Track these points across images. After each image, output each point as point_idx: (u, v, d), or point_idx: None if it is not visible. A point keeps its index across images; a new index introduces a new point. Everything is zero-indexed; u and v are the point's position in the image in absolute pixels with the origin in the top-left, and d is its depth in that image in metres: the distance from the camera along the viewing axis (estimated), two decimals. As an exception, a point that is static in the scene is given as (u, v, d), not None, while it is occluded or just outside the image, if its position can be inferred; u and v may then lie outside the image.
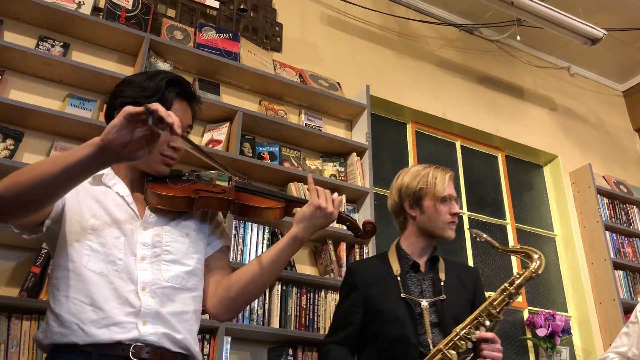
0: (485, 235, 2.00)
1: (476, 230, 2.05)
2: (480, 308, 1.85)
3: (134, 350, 1.27)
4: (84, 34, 2.93)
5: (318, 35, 3.87)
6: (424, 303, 1.94)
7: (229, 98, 3.27)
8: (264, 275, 1.48)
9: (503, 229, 4.24)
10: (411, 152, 4.06)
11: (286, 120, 3.27)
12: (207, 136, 3.08)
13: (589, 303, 4.06)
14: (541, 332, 3.65)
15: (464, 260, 3.86)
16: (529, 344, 3.84)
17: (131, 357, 1.26)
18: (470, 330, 1.80)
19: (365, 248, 3.12)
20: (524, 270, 1.92)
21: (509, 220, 4.28)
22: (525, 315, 3.91)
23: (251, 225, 2.89)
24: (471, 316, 1.83)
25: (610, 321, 3.90)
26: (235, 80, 3.31)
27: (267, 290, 2.77)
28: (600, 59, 5.02)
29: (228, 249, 1.62)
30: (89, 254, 1.31)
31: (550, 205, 4.56)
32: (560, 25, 4.02)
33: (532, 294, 4.03)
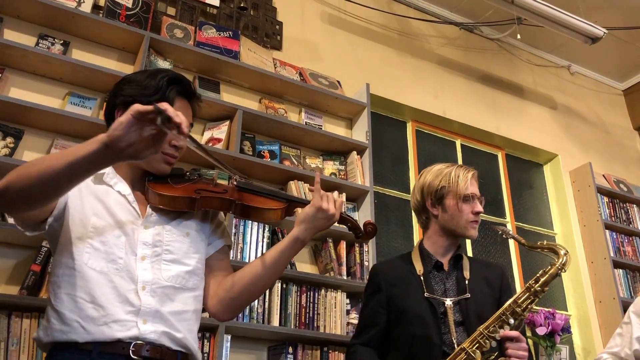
0: (512, 233, 2.00)
1: (502, 227, 2.05)
2: (504, 306, 1.82)
3: (134, 348, 1.27)
4: (84, 32, 2.93)
5: (318, 33, 3.87)
6: (448, 302, 1.91)
7: (229, 96, 3.27)
8: (265, 276, 1.48)
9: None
10: (411, 151, 4.06)
11: (286, 119, 3.27)
12: (207, 134, 3.08)
13: (588, 302, 4.06)
14: (541, 331, 3.65)
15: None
16: (529, 342, 3.83)
17: (131, 355, 1.26)
18: (494, 329, 1.77)
19: (365, 247, 3.12)
20: (549, 267, 1.88)
21: (509, 219, 4.28)
22: (527, 315, 3.91)
23: (251, 223, 2.89)
24: (495, 314, 1.81)
25: (610, 320, 3.90)
26: (236, 79, 3.31)
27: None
28: (601, 58, 5.02)
29: (229, 249, 1.62)
30: (89, 252, 1.32)
31: (550, 204, 4.56)
32: (560, 24, 4.02)
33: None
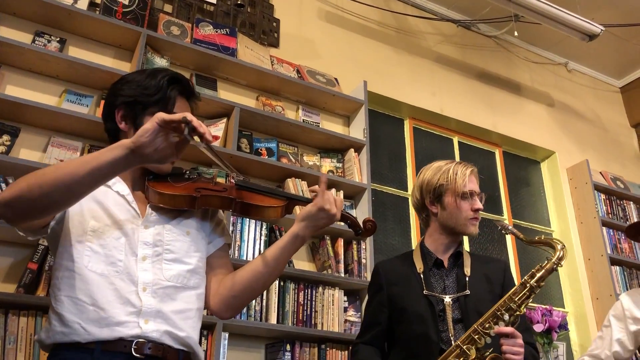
0: (511, 228, 1.99)
1: (502, 222, 2.04)
2: (499, 302, 1.81)
3: (136, 346, 1.27)
4: (80, 30, 2.92)
5: (315, 31, 3.86)
6: (447, 299, 1.91)
7: (226, 94, 3.26)
8: (266, 273, 1.49)
9: (500, 224, 4.24)
10: (409, 148, 4.06)
11: (284, 116, 3.27)
12: (205, 132, 3.07)
13: (585, 299, 4.07)
14: (538, 328, 3.66)
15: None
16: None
17: (133, 353, 1.27)
18: (489, 325, 1.76)
19: (363, 244, 3.12)
20: (546, 261, 1.87)
21: (506, 216, 4.29)
22: (522, 310, 3.91)
23: (248, 221, 2.89)
24: (489, 311, 1.79)
25: (607, 317, 3.91)
26: (233, 76, 3.30)
27: (265, 286, 2.78)
28: (598, 55, 5.03)
29: (229, 247, 1.62)
30: (89, 255, 1.32)
31: (548, 201, 4.57)
32: (557, 21, 4.02)
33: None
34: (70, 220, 1.36)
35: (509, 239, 4.17)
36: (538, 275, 1.86)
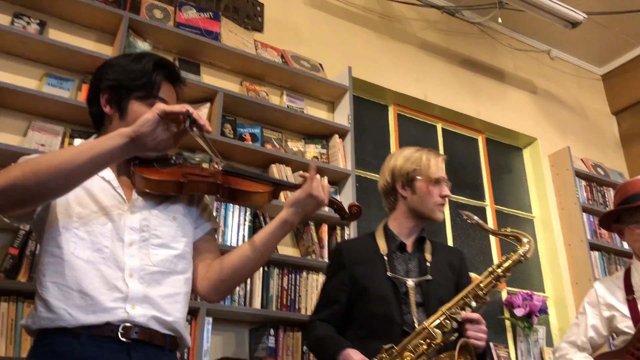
0: (476, 218, 2.03)
1: (467, 212, 2.07)
2: (467, 289, 1.86)
3: (122, 331, 1.28)
4: (61, 12, 2.86)
5: (300, 15, 3.84)
6: (410, 282, 1.96)
7: (209, 78, 3.23)
8: (254, 258, 1.51)
9: (482, 210, 4.29)
10: (393, 135, 4.07)
11: (268, 102, 3.25)
12: (188, 117, 3.05)
13: (565, 283, 4.14)
14: (519, 312, 3.72)
15: (444, 241, 3.90)
16: (507, 323, 3.91)
17: (120, 338, 1.27)
18: (456, 310, 1.81)
19: (347, 229, 3.14)
20: (512, 253, 1.93)
21: (488, 202, 4.33)
22: (504, 295, 3.98)
23: (232, 207, 2.89)
24: (457, 296, 1.84)
25: (586, 301, 3.98)
26: (216, 61, 3.27)
27: (249, 271, 2.78)
28: (581, 43, 5.06)
29: (216, 232, 1.63)
30: (75, 241, 1.32)
31: (529, 188, 4.62)
32: (541, 8, 4.04)
33: (511, 275, 4.07)
34: (57, 206, 1.35)
35: (490, 224, 4.21)
36: (505, 265, 1.92)
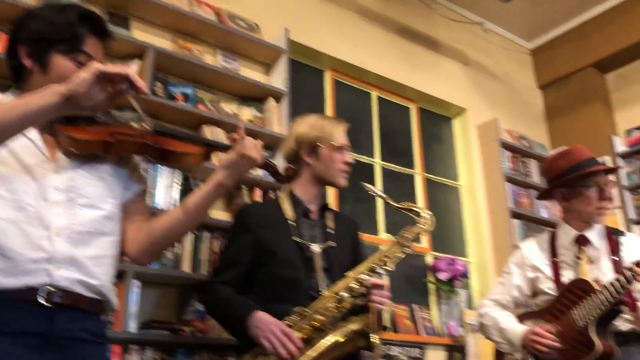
0: (378, 191, 2.09)
1: (369, 186, 2.12)
2: (375, 256, 1.94)
3: (45, 295, 1.24)
4: (-26, -48, 2.64)
5: (237, -28, 3.71)
6: (316, 248, 2.02)
7: (140, 34, 3.09)
8: (186, 221, 1.51)
9: (412, 178, 4.39)
10: (329, 101, 4.06)
11: (201, 60, 3.16)
12: (116, 73, 2.92)
13: (487, 249, 4.34)
14: (442, 276, 3.89)
15: (375, 208, 3.98)
16: (431, 286, 4.07)
17: (42, 302, 1.23)
18: (364, 276, 1.89)
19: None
20: (412, 226, 2.02)
21: (418, 171, 4.44)
22: (429, 259, 4.13)
23: (162, 168, 2.81)
24: (366, 263, 1.93)
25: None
26: (148, 15, 3.13)
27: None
28: (512, 17, 5.18)
29: (145, 193, 1.60)
30: None
31: (457, 157, 4.76)
32: (477, -19, 4.09)
33: (436, 240, 4.24)
34: None
35: (419, 191, 4.33)
36: (406, 236, 1.99)
